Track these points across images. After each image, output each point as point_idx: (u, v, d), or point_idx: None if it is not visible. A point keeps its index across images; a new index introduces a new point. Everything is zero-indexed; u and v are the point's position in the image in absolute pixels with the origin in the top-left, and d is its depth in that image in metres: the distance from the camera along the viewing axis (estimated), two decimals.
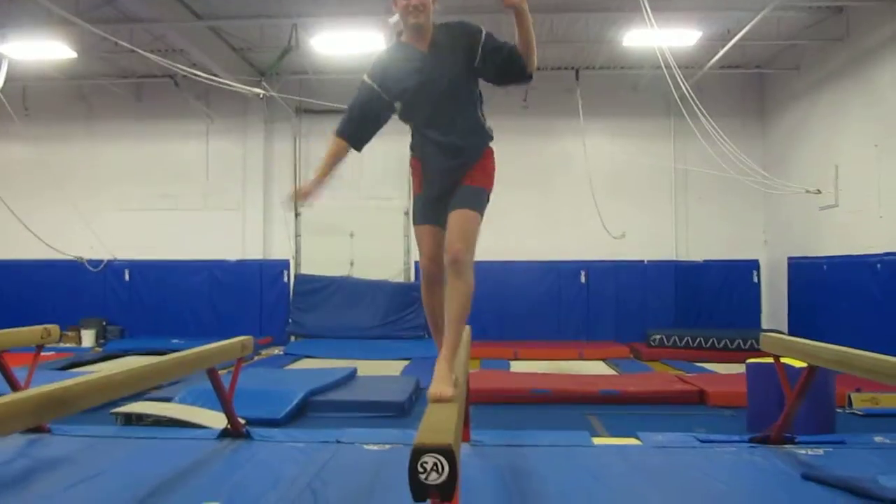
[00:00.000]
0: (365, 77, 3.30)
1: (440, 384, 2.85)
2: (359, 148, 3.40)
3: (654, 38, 8.66)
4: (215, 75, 10.57)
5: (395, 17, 3.22)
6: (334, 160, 3.37)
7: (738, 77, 12.47)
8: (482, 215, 3.24)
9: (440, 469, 1.70)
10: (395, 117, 3.38)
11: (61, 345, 11.09)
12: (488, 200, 3.31)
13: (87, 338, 12.15)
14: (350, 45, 10.11)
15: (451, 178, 3.24)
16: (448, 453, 1.71)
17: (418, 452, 1.73)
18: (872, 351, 3.78)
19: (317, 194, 3.35)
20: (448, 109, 3.24)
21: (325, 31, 9.82)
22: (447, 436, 1.81)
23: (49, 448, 4.37)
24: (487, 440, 4.58)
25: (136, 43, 9.94)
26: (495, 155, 3.38)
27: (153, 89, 12.99)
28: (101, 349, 11.54)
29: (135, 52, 9.75)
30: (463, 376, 3.22)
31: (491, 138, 3.37)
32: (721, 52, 10.11)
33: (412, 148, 3.41)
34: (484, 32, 3.21)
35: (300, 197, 3.37)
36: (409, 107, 3.31)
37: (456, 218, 3.14)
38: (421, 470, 1.71)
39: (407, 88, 3.25)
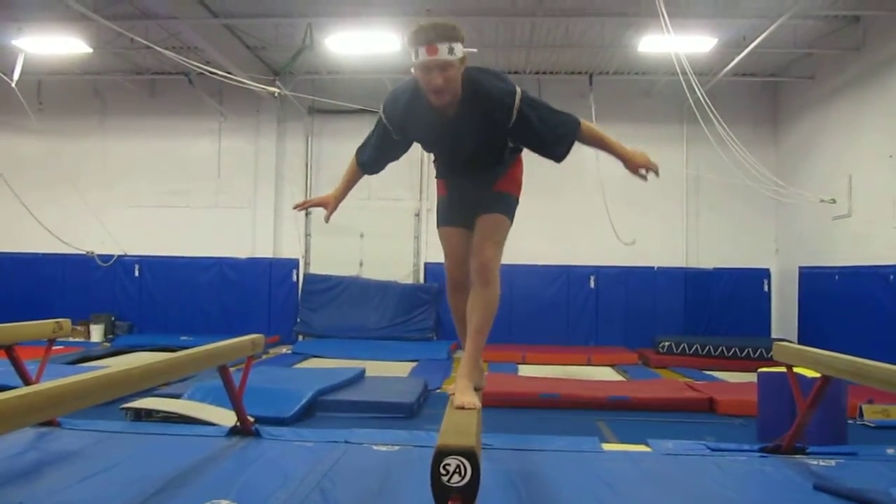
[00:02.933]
0: (381, 115, 3.07)
1: (463, 396, 2.79)
2: (371, 173, 3.33)
3: (669, 44, 8.63)
4: (229, 73, 10.59)
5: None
6: (350, 178, 3.35)
7: (752, 84, 12.42)
8: (512, 220, 3.20)
9: (462, 472, 1.68)
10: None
11: (70, 339, 11.14)
12: (517, 204, 3.27)
13: (96, 333, 12.18)
14: (364, 46, 10.14)
15: (480, 188, 3.20)
16: (471, 456, 1.69)
17: (441, 454, 1.71)
18: (883, 362, 3.76)
19: (330, 208, 3.33)
20: (474, 161, 3.13)
21: (339, 31, 9.82)
22: (469, 438, 1.79)
23: (58, 442, 4.37)
24: (497, 444, 4.56)
25: (152, 39, 9.97)
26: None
27: (167, 86, 13.03)
28: (109, 344, 11.57)
29: (149, 49, 9.78)
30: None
31: (519, 150, 3.28)
32: (736, 60, 10.08)
33: (437, 173, 3.36)
34: (517, 104, 2.86)
35: (309, 205, 3.38)
36: (428, 149, 3.26)
37: (485, 222, 3.11)
38: (443, 472, 1.69)
39: (427, 142, 3.16)
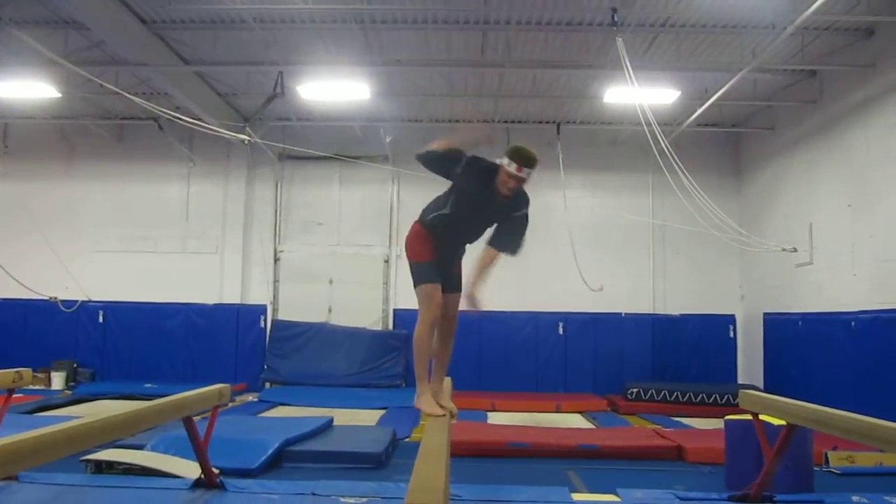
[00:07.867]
0: (464, 156, 3.87)
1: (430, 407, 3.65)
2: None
3: (634, 96, 8.83)
4: (199, 119, 10.59)
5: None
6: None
7: (715, 135, 12.72)
8: None
9: None
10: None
11: (30, 387, 10.86)
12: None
13: (57, 380, 11.90)
14: (335, 94, 10.24)
15: (452, 264, 4.09)
16: None
17: None
18: (846, 407, 3.83)
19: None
20: (475, 234, 4.10)
21: (310, 79, 9.91)
22: (437, 495, 1.78)
23: (17, 497, 4.26)
24: (466, 495, 4.53)
25: (122, 85, 9.97)
26: None
27: (135, 131, 12.98)
28: (70, 392, 11.31)
29: (119, 94, 9.76)
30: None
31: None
32: (699, 111, 10.36)
33: (431, 226, 3.92)
34: (527, 209, 4.16)
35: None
36: (462, 208, 3.91)
37: (456, 298, 4.07)
38: None
39: (470, 202, 3.92)
